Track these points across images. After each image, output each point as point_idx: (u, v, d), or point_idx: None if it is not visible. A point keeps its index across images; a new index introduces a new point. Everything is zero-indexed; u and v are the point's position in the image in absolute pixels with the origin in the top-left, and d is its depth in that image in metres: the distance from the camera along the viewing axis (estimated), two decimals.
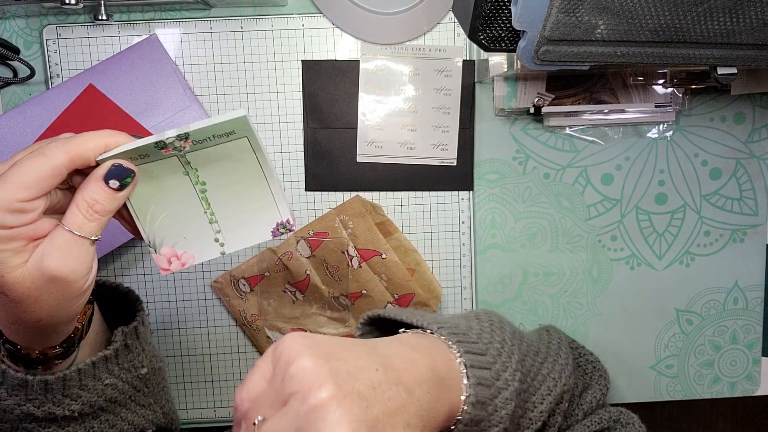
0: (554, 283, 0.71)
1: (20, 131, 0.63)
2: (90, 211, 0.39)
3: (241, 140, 0.41)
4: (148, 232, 0.43)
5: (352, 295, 0.66)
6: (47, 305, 0.39)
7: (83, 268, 0.39)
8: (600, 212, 0.70)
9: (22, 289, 0.38)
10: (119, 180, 0.39)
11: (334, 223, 0.66)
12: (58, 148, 0.38)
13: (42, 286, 0.38)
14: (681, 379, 0.73)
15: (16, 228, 0.37)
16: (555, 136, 0.69)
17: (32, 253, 0.38)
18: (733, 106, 0.69)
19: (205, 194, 0.43)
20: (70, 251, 0.38)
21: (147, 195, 0.42)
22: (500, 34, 0.52)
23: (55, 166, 0.38)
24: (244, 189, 0.43)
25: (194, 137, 0.40)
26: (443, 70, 0.66)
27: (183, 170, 0.42)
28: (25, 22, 0.65)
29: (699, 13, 0.45)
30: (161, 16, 0.66)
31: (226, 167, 0.42)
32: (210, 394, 0.70)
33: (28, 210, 0.37)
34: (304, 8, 0.66)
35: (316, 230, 0.67)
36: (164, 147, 0.40)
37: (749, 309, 0.72)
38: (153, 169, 0.41)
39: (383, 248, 0.65)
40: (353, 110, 0.67)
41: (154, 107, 0.64)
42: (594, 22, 0.46)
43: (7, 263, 0.37)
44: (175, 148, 0.40)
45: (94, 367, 0.46)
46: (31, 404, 0.44)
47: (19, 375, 0.43)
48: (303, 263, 0.65)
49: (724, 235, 0.71)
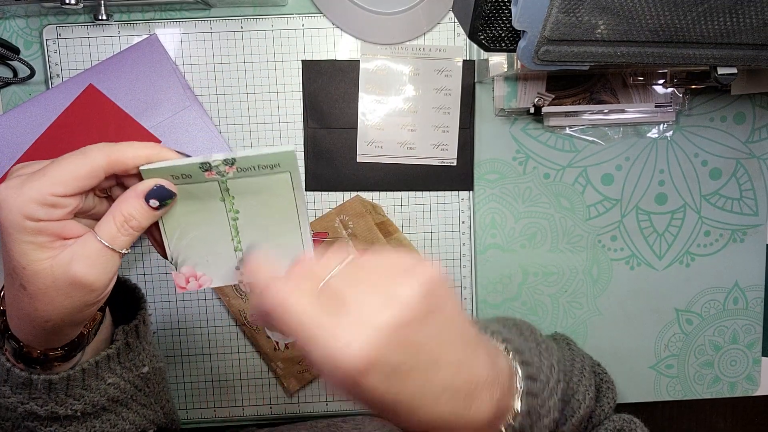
0: (554, 283, 0.71)
1: (20, 131, 0.63)
2: (125, 225, 0.39)
3: (283, 175, 0.41)
4: (172, 249, 0.43)
5: None
6: (61, 307, 0.39)
7: (107, 278, 0.39)
8: (600, 212, 0.70)
9: (41, 285, 0.38)
10: (159, 200, 0.39)
11: (334, 223, 0.66)
12: (99, 150, 0.38)
13: (62, 288, 0.38)
14: (681, 379, 0.73)
15: (44, 222, 0.37)
16: (555, 136, 0.69)
17: (58, 251, 0.38)
18: (733, 106, 0.69)
19: (236, 222, 0.42)
20: (98, 260, 0.38)
21: (179, 213, 0.41)
22: (500, 34, 0.52)
23: (93, 167, 0.37)
24: (275, 223, 0.42)
25: (239, 164, 0.39)
26: (443, 70, 0.66)
27: (220, 196, 0.41)
28: (25, 22, 0.65)
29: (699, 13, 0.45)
30: (161, 16, 0.66)
31: (262, 199, 0.42)
32: (210, 394, 0.70)
33: (60, 206, 0.37)
34: (304, 8, 0.66)
35: (316, 230, 0.67)
36: (208, 170, 0.39)
37: (749, 309, 0.72)
38: (191, 190, 0.41)
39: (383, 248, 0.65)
40: (353, 110, 0.67)
41: (154, 107, 0.64)
42: (594, 22, 0.46)
43: (30, 256, 0.37)
44: (218, 173, 0.40)
45: (97, 367, 0.46)
46: (34, 403, 0.44)
47: (24, 374, 0.43)
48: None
49: (724, 235, 0.71)
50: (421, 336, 0.34)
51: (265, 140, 0.67)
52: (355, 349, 0.32)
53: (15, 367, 0.43)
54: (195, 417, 0.70)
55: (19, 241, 0.37)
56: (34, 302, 0.38)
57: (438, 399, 0.35)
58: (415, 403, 0.35)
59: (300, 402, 0.70)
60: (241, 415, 0.70)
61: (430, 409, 0.35)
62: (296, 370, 0.68)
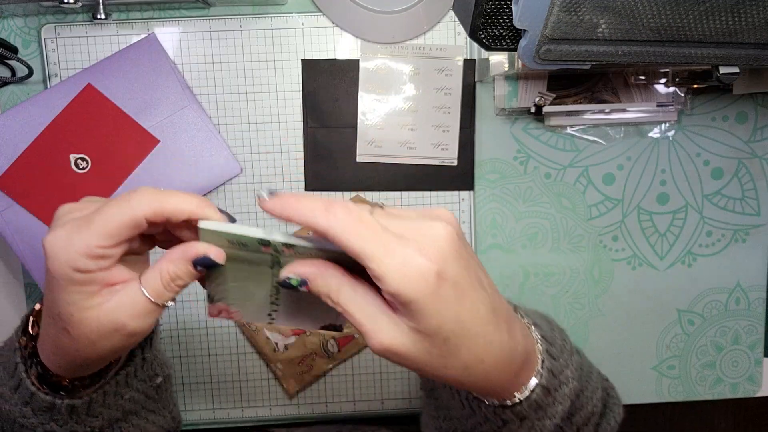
0: (555, 284, 0.70)
1: (18, 131, 0.62)
2: (171, 284, 0.40)
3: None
4: (211, 288, 0.43)
5: None
6: (101, 349, 0.40)
7: (149, 326, 0.40)
8: (601, 212, 0.70)
9: (86, 330, 0.39)
10: (206, 268, 0.40)
11: None
12: (143, 198, 0.38)
13: (105, 334, 0.39)
14: (683, 379, 0.73)
15: (93, 273, 0.38)
16: (556, 135, 0.68)
17: (105, 298, 0.39)
18: (735, 106, 0.69)
19: (278, 286, 0.42)
20: (143, 312, 0.39)
21: (226, 268, 0.41)
22: (501, 33, 0.51)
23: (136, 217, 0.38)
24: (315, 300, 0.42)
25: (298, 250, 0.39)
26: (444, 69, 0.66)
27: (270, 265, 0.41)
28: (23, 21, 0.65)
29: (701, 12, 0.45)
30: (160, 15, 0.65)
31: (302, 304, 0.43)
32: (209, 395, 0.70)
33: (107, 256, 0.38)
34: (303, 7, 0.66)
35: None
36: (266, 245, 0.39)
37: (751, 309, 0.72)
38: (242, 254, 0.40)
39: None
40: (353, 110, 0.67)
41: (152, 107, 0.64)
42: (595, 21, 0.45)
43: (79, 304, 0.38)
44: (275, 251, 0.39)
45: (117, 386, 0.47)
46: (55, 423, 0.45)
47: (48, 398, 0.43)
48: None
49: (726, 235, 0.71)
50: (465, 253, 0.36)
51: (264, 140, 0.67)
52: (431, 252, 0.35)
53: (40, 391, 0.43)
54: (194, 419, 0.70)
55: (68, 291, 0.38)
56: (76, 344, 0.40)
57: (486, 322, 0.37)
58: (467, 327, 0.36)
59: (299, 403, 0.70)
60: (240, 416, 0.70)
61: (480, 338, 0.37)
62: (296, 372, 0.68)
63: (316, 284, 0.38)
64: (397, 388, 0.70)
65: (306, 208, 0.36)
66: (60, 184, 0.63)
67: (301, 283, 0.38)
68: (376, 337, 0.36)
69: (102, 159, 0.63)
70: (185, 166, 0.65)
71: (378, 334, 0.36)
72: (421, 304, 0.35)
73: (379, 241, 0.35)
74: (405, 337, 0.36)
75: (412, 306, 0.35)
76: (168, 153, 0.65)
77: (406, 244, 0.35)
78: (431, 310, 0.35)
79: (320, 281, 0.38)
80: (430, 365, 0.37)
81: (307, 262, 0.38)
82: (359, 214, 0.35)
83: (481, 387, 0.40)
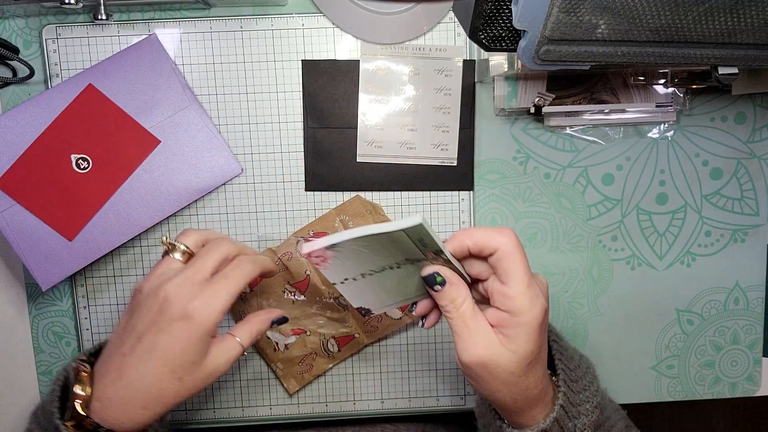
0: (555, 283, 0.71)
1: (20, 131, 0.62)
2: (254, 335, 0.53)
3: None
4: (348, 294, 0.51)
5: None
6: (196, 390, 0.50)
7: (228, 370, 0.52)
8: (600, 212, 0.70)
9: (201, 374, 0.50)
10: (278, 324, 0.56)
11: (334, 223, 0.66)
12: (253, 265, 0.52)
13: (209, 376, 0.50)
14: (682, 379, 0.73)
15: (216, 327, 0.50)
16: (555, 136, 0.69)
17: (212, 349, 0.50)
18: (734, 106, 0.69)
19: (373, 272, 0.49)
20: (234, 357, 0.51)
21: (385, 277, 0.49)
22: (501, 33, 0.51)
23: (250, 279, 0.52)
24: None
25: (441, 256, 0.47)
26: (443, 69, 0.66)
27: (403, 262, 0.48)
28: (24, 22, 0.65)
29: (700, 13, 0.45)
30: (161, 15, 0.66)
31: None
32: (209, 395, 0.70)
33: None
34: (304, 8, 0.66)
35: (316, 230, 0.66)
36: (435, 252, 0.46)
37: (750, 309, 0.72)
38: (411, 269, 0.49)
39: None
40: (353, 110, 0.67)
41: (153, 107, 0.64)
42: (595, 21, 0.45)
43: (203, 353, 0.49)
44: (434, 253, 0.46)
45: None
46: None
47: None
48: (303, 263, 0.65)
49: (725, 236, 0.71)
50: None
51: (264, 140, 0.67)
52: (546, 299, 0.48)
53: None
54: (195, 418, 0.70)
55: (200, 343, 0.48)
56: (182, 390, 0.49)
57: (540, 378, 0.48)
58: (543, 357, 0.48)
59: (300, 403, 0.70)
60: (241, 416, 0.70)
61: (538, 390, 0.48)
62: (296, 371, 0.68)
63: (452, 289, 0.46)
64: (396, 387, 0.70)
65: (480, 233, 0.46)
66: (61, 184, 0.63)
67: (442, 283, 0.46)
68: (475, 348, 0.45)
69: (103, 159, 0.64)
70: (186, 166, 0.65)
71: (477, 347, 0.45)
72: (533, 326, 0.45)
73: (528, 271, 0.46)
74: (497, 352, 0.45)
75: (525, 327, 0.45)
76: (169, 153, 0.65)
77: (535, 283, 0.46)
78: (535, 336, 0.45)
79: (454, 288, 0.46)
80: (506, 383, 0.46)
81: (447, 270, 0.47)
82: (520, 243, 0.47)
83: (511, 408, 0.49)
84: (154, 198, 0.65)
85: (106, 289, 0.68)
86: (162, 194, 0.65)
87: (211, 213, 0.67)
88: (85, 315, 0.68)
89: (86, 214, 0.64)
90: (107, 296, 0.68)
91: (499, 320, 0.46)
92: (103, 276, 0.68)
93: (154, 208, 0.65)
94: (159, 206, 0.65)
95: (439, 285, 0.46)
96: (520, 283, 0.45)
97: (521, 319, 0.45)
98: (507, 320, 0.45)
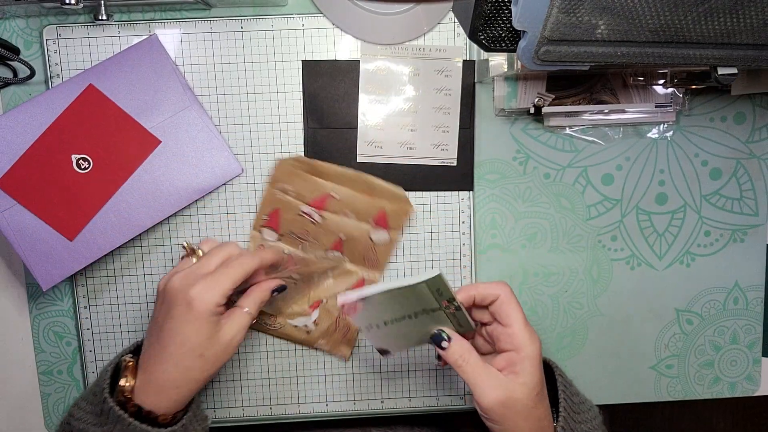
0: (554, 283, 0.71)
1: (20, 131, 0.63)
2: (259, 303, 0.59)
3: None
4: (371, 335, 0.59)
5: (334, 246, 0.67)
6: (220, 363, 0.56)
7: (243, 338, 0.58)
8: (600, 212, 0.70)
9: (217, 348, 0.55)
10: (278, 292, 0.61)
11: (276, 195, 0.66)
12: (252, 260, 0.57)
13: (227, 349, 0.56)
14: (681, 379, 0.73)
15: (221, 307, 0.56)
16: (555, 136, 0.69)
17: (224, 323, 0.56)
18: (733, 107, 0.69)
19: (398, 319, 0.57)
20: (245, 326, 0.57)
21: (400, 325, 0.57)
22: (500, 34, 0.52)
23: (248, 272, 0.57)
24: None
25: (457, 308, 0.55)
26: (443, 70, 0.66)
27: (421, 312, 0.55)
28: (25, 23, 0.65)
29: (699, 13, 0.45)
30: (161, 16, 0.66)
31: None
32: (210, 394, 0.70)
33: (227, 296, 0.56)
34: (304, 8, 0.66)
35: (267, 212, 0.67)
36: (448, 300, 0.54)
37: (749, 309, 0.72)
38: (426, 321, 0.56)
39: (329, 189, 0.65)
40: (353, 110, 0.67)
41: (154, 107, 0.64)
42: (594, 22, 0.46)
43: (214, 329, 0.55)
44: (448, 301, 0.54)
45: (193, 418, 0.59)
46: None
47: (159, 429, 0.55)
48: (278, 247, 0.66)
49: (724, 235, 0.71)
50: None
51: (265, 140, 0.67)
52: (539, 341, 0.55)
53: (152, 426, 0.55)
54: None
55: (208, 322, 0.54)
56: (206, 365, 0.55)
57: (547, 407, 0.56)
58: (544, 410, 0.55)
59: (300, 402, 0.70)
60: (241, 415, 0.70)
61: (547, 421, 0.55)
62: (338, 338, 0.68)
63: (457, 344, 0.54)
64: (396, 387, 0.70)
65: (483, 285, 0.55)
66: (62, 184, 0.63)
67: (447, 338, 0.54)
68: (492, 390, 0.52)
69: (103, 159, 0.64)
70: (186, 166, 0.65)
71: (493, 389, 0.52)
72: (536, 358, 0.53)
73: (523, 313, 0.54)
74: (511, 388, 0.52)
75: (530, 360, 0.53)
76: (169, 153, 0.65)
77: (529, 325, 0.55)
78: (538, 366, 0.53)
79: (459, 343, 0.54)
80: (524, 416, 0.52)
81: (450, 330, 0.55)
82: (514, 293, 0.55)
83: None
84: (155, 198, 0.65)
85: (106, 288, 0.68)
86: (162, 194, 0.65)
87: (211, 213, 0.68)
88: (86, 315, 0.68)
89: (87, 214, 0.64)
90: (108, 296, 0.68)
91: (507, 361, 0.53)
92: (104, 276, 0.68)
93: (154, 208, 0.65)
94: (159, 206, 0.65)
95: (446, 341, 0.54)
96: (519, 322, 0.53)
97: (526, 352, 0.53)
98: (514, 357, 0.53)
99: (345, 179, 0.66)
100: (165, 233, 0.68)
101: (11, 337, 0.69)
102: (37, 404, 0.70)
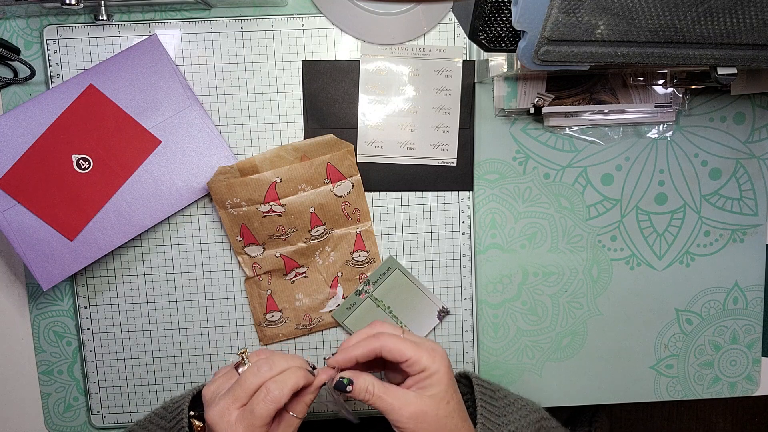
0: (554, 283, 0.71)
1: (21, 131, 0.63)
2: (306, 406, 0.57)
3: (395, 272, 0.69)
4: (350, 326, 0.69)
5: (313, 222, 0.67)
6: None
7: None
8: (600, 212, 0.70)
9: None
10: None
11: (232, 215, 0.66)
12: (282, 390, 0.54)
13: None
14: (681, 379, 0.73)
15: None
16: (555, 136, 0.69)
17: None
18: (732, 107, 0.69)
19: (392, 312, 0.70)
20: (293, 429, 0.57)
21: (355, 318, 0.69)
22: (500, 34, 0.52)
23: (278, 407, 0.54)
24: (411, 299, 0.70)
25: (371, 279, 0.68)
26: (443, 70, 0.66)
27: (376, 305, 0.69)
28: (25, 23, 0.65)
29: (699, 14, 0.45)
30: (161, 16, 0.66)
31: (397, 293, 0.70)
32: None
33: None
34: (304, 8, 0.66)
35: (236, 233, 0.67)
36: (360, 294, 0.67)
37: (749, 309, 0.72)
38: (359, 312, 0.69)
39: (270, 177, 0.64)
40: (353, 110, 0.67)
41: (154, 107, 0.64)
42: (594, 22, 0.46)
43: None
44: (366, 293, 0.67)
45: None
46: None
47: None
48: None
49: (724, 235, 0.71)
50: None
51: (265, 140, 0.67)
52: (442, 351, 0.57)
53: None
54: None
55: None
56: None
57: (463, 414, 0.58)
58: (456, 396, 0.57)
59: None
60: None
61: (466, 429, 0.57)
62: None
63: (359, 383, 0.55)
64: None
65: (361, 343, 0.57)
66: (62, 184, 0.63)
67: (349, 383, 0.55)
68: (402, 409, 0.54)
69: (104, 159, 0.64)
70: (186, 166, 0.65)
71: (403, 408, 0.54)
72: (441, 371, 0.55)
73: (409, 343, 0.56)
74: (418, 402, 0.54)
75: (436, 375, 0.55)
76: (169, 153, 0.65)
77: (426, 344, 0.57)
78: (443, 378, 0.55)
79: (360, 382, 0.55)
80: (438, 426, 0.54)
81: (349, 371, 0.57)
82: (397, 332, 0.58)
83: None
84: (155, 198, 0.65)
85: (106, 288, 0.68)
86: (163, 194, 0.65)
87: (211, 213, 0.68)
88: (86, 314, 0.68)
89: (87, 214, 0.64)
90: (108, 296, 0.68)
91: (414, 380, 0.56)
92: (104, 276, 0.68)
93: (154, 207, 0.65)
94: (160, 206, 0.65)
95: (350, 384, 0.55)
96: (410, 351, 0.55)
97: (430, 370, 0.55)
98: (421, 375, 0.55)
99: (276, 160, 0.65)
100: (165, 233, 0.68)
101: (11, 337, 0.69)
102: (37, 404, 0.70)
